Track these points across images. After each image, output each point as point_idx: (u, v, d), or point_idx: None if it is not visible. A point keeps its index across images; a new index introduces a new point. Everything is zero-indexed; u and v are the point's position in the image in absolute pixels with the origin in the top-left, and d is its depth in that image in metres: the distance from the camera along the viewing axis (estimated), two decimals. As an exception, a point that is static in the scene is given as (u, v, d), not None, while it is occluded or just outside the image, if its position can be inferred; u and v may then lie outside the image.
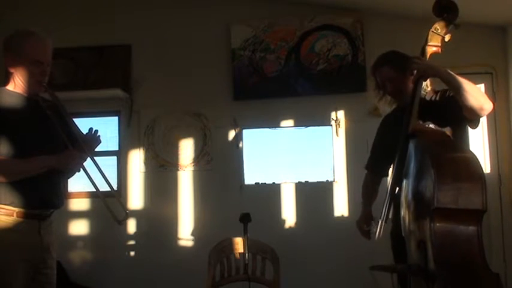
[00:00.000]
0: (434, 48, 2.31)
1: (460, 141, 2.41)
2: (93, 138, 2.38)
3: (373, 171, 2.87)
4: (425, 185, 2.03)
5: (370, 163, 2.88)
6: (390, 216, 2.38)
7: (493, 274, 1.91)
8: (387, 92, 2.60)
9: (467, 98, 2.19)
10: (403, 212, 2.25)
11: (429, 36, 2.31)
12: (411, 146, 2.23)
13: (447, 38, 2.30)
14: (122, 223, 2.38)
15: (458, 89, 2.20)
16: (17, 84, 2.27)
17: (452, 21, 2.29)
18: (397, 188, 2.35)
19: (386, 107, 2.77)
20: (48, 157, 2.22)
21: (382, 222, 2.38)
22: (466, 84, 2.21)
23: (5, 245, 2.14)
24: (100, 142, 2.42)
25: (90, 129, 2.39)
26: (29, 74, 2.25)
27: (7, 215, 2.15)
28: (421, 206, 2.08)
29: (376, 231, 2.45)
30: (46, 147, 2.27)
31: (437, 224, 1.95)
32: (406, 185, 2.24)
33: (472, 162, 2.03)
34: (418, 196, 2.12)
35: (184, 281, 4.01)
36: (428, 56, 2.31)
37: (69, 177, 2.50)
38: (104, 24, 4.46)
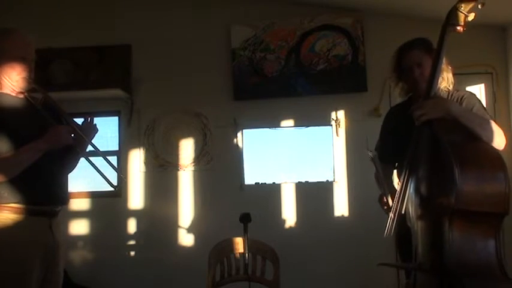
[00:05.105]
0: (458, 28, 2.09)
1: None
2: (89, 127, 2.41)
3: (385, 160, 2.56)
4: (444, 182, 1.90)
5: (381, 151, 2.59)
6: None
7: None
8: (410, 77, 2.38)
9: (482, 135, 2.05)
10: (412, 207, 2.11)
11: (451, 15, 2.08)
12: (427, 135, 2.07)
13: (470, 17, 2.06)
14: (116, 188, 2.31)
15: (470, 127, 2.05)
16: (4, 85, 2.28)
17: None
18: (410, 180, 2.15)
19: (397, 96, 2.59)
20: (36, 141, 2.20)
21: (394, 218, 2.16)
22: (480, 120, 2.10)
23: (19, 243, 2.15)
24: (97, 130, 2.43)
25: (86, 118, 2.42)
26: (13, 72, 2.26)
27: (17, 213, 2.16)
28: (437, 204, 1.95)
29: (387, 228, 2.20)
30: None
31: (456, 226, 1.84)
32: (419, 178, 2.09)
33: (496, 159, 1.90)
34: (433, 192, 1.99)
35: (184, 281, 4.01)
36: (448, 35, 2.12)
37: (71, 168, 2.47)
38: (103, 24, 4.46)
